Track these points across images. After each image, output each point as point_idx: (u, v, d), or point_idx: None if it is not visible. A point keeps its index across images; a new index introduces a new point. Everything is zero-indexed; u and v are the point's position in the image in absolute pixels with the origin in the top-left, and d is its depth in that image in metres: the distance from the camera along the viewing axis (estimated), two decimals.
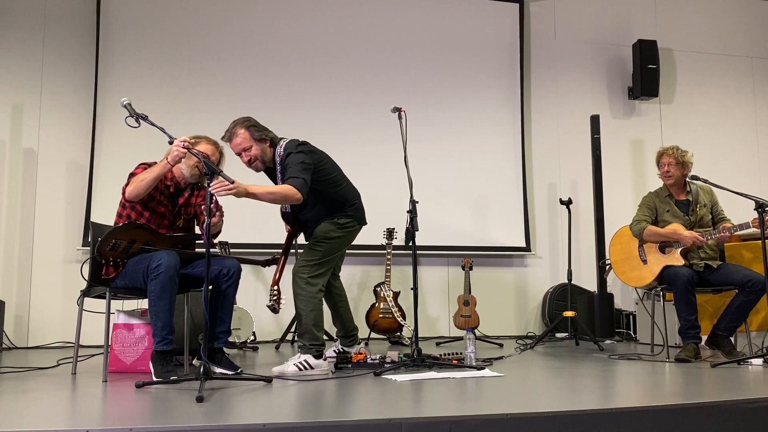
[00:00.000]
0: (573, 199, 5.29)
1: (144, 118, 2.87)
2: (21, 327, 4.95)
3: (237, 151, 3.30)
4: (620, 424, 2.13)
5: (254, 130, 3.27)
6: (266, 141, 3.30)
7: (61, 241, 5.10)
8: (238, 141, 3.26)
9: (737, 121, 6.62)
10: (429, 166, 5.71)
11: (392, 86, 5.76)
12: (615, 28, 6.45)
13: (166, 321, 2.98)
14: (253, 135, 3.27)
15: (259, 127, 3.30)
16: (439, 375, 3.06)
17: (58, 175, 5.17)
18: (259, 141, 3.28)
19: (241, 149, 3.28)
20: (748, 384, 2.76)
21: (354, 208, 3.45)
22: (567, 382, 2.89)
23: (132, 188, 3.08)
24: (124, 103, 2.91)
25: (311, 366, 3.18)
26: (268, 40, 5.58)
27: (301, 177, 3.12)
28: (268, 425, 1.92)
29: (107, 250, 3.01)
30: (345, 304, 3.77)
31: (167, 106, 5.31)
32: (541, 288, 5.93)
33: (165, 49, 5.37)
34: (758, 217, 3.53)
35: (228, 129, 3.30)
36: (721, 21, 6.72)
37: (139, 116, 2.87)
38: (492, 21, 6.08)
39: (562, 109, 6.24)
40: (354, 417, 2.06)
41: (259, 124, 3.32)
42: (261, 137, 3.28)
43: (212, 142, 3.30)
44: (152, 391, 2.64)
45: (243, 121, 3.30)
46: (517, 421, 2.05)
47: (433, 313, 5.69)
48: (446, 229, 5.69)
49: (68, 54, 5.28)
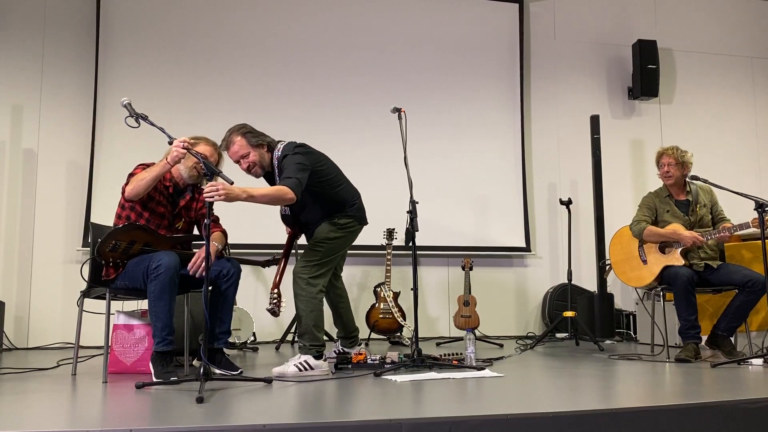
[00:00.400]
0: (573, 199, 5.29)
1: (144, 118, 2.88)
2: (21, 328, 4.95)
3: (235, 158, 3.28)
4: (620, 424, 2.13)
5: (250, 136, 3.25)
6: (263, 146, 3.28)
7: (61, 242, 5.10)
8: (235, 148, 3.24)
9: (737, 121, 6.62)
10: (429, 167, 5.71)
11: (392, 86, 5.76)
12: (615, 28, 6.45)
13: (166, 322, 2.98)
14: (249, 141, 3.25)
15: (255, 132, 3.28)
16: (439, 375, 3.06)
17: (58, 176, 5.17)
18: (257, 147, 3.26)
19: (239, 156, 3.26)
20: (748, 384, 2.76)
21: (354, 208, 3.44)
22: (567, 382, 2.89)
23: (131, 187, 3.08)
24: (124, 103, 2.92)
25: (311, 366, 3.18)
26: (268, 41, 5.58)
27: (295, 177, 3.11)
28: (268, 426, 1.92)
29: (107, 250, 3.01)
30: (346, 305, 3.77)
31: (167, 106, 5.31)
32: (541, 288, 5.93)
33: (165, 50, 5.38)
34: (758, 217, 3.53)
35: (224, 138, 3.28)
36: (721, 21, 6.72)
37: (138, 116, 2.88)
38: (492, 21, 6.08)
39: (561, 109, 6.24)
40: (354, 417, 2.06)
41: (255, 130, 3.29)
42: (258, 143, 3.26)
43: (211, 143, 3.30)
44: (152, 392, 2.64)
45: (239, 128, 3.28)
46: (517, 422, 2.05)
47: (433, 313, 5.69)
48: (446, 230, 5.69)
49: (68, 54, 5.28)
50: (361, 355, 3.46)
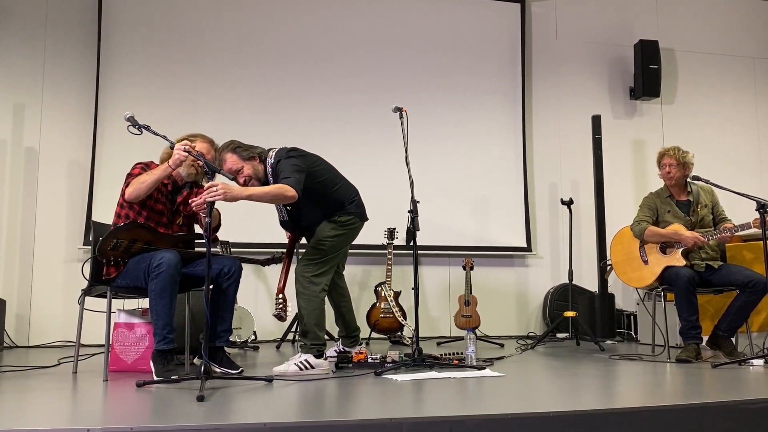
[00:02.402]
0: (574, 199, 5.28)
1: (146, 128, 2.92)
2: (22, 326, 4.96)
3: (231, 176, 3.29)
4: (621, 424, 2.13)
5: (241, 151, 3.25)
6: (255, 158, 3.28)
7: (62, 240, 5.10)
8: (228, 165, 3.23)
9: (739, 122, 6.62)
10: (430, 166, 5.71)
11: (393, 86, 5.76)
12: (616, 28, 6.44)
13: (166, 320, 2.98)
14: (241, 156, 3.24)
15: (244, 146, 3.28)
16: (439, 375, 3.06)
17: (60, 175, 5.17)
18: (248, 160, 3.26)
19: (233, 173, 3.26)
20: (749, 385, 2.76)
21: (354, 205, 3.45)
22: (568, 382, 2.89)
23: (132, 189, 3.09)
24: (127, 117, 2.94)
25: (312, 365, 3.18)
26: (268, 41, 5.58)
27: (293, 176, 3.12)
28: (268, 425, 1.92)
29: (108, 249, 3.01)
30: (348, 304, 3.77)
31: (169, 105, 5.31)
32: (542, 288, 5.93)
33: (167, 49, 5.38)
34: (759, 217, 3.53)
35: (215, 158, 3.28)
36: (723, 21, 6.71)
37: (142, 127, 2.91)
38: (493, 21, 6.08)
39: (563, 109, 6.24)
40: (355, 417, 2.06)
41: (243, 144, 3.29)
42: (249, 156, 3.26)
43: (207, 140, 3.31)
44: (153, 391, 2.64)
45: (227, 145, 3.28)
46: (518, 421, 2.05)
47: (434, 313, 5.69)
48: (447, 229, 5.69)
49: (70, 54, 5.28)
50: (362, 355, 3.46)
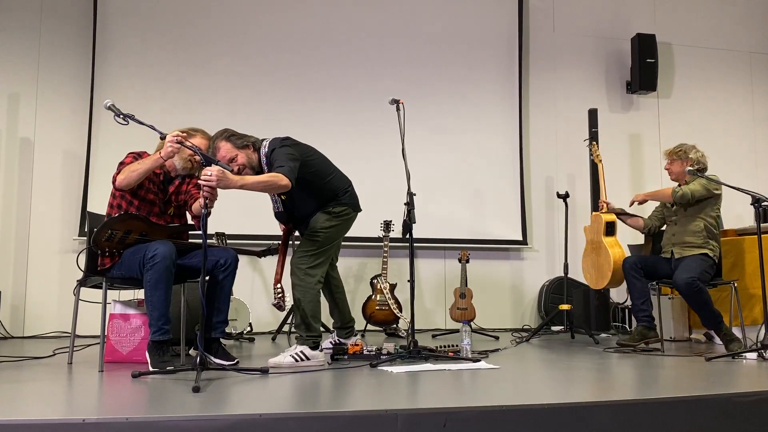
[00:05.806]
0: (570, 192, 5.29)
1: (131, 117, 2.84)
2: (17, 316, 4.95)
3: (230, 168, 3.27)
4: (615, 416, 2.14)
5: (234, 139, 3.24)
6: (249, 147, 3.26)
7: (57, 231, 5.09)
8: (222, 153, 3.21)
9: (735, 116, 6.63)
10: (426, 159, 5.70)
11: (390, 78, 5.74)
12: (614, 22, 6.43)
13: (162, 311, 2.98)
14: (235, 144, 3.23)
15: (238, 135, 3.27)
16: (435, 367, 3.07)
17: (55, 165, 5.15)
18: (242, 148, 3.24)
19: (227, 161, 3.24)
20: (743, 378, 2.78)
21: (347, 196, 3.45)
22: (562, 374, 2.90)
23: (123, 177, 3.08)
24: (107, 105, 2.88)
25: (307, 357, 3.19)
26: (265, 32, 5.56)
27: (287, 165, 3.12)
28: (264, 415, 1.92)
29: (103, 240, 3.01)
30: (342, 296, 3.77)
31: (165, 95, 5.29)
32: (537, 281, 5.94)
33: (163, 40, 5.35)
34: (755, 211, 3.55)
35: (209, 146, 3.26)
36: (720, 16, 6.71)
37: (125, 116, 2.84)
38: (491, 13, 6.06)
39: (560, 102, 6.23)
40: (350, 408, 2.07)
41: (237, 133, 3.28)
42: (243, 144, 3.25)
43: (207, 138, 3.29)
44: (148, 381, 2.64)
45: (221, 133, 3.26)
46: (513, 413, 2.06)
47: (429, 305, 5.70)
48: (443, 222, 5.69)
49: (65, 43, 5.25)
50: (358, 346, 3.47)
